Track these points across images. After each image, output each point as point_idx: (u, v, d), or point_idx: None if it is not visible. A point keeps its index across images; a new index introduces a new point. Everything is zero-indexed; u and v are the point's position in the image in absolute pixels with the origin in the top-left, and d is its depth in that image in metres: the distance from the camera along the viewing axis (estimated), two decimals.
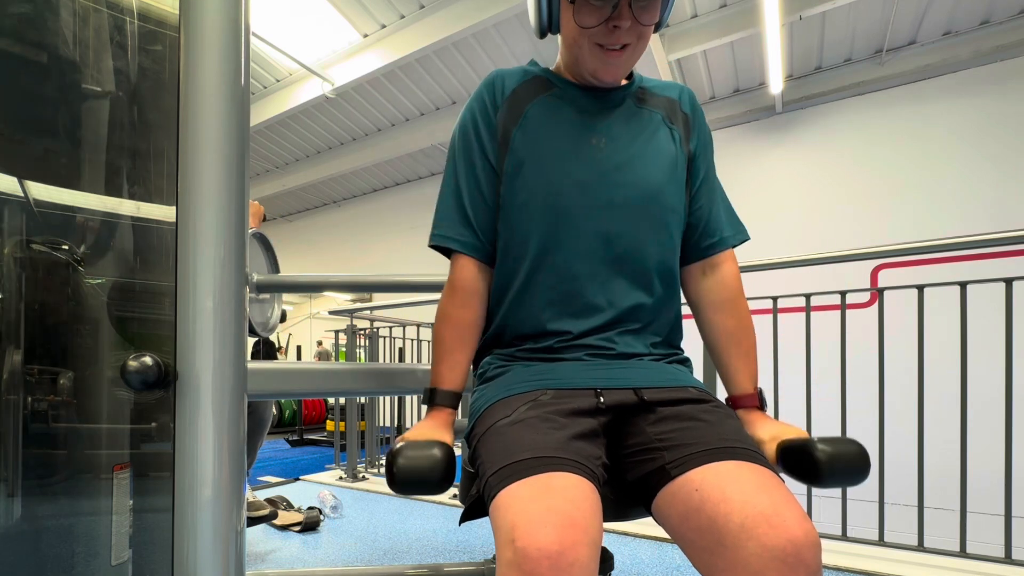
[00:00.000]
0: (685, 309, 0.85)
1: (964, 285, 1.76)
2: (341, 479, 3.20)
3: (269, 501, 2.23)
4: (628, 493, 0.69)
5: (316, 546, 2.01)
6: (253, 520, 1.81)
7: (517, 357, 0.79)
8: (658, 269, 0.78)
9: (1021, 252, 2.47)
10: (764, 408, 0.79)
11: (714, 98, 5.12)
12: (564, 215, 0.75)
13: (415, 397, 4.78)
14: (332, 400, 5.99)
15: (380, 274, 2.53)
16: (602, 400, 0.69)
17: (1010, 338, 1.71)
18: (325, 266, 8.32)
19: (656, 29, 0.77)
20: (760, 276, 1.87)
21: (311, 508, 2.30)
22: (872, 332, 1.94)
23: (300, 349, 8.39)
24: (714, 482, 0.57)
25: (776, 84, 4.36)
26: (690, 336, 0.88)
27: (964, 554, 1.71)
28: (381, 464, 3.49)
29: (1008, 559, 1.66)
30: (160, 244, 0.74)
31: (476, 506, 0.64)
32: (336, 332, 3.63)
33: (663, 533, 1.29)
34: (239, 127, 0.67)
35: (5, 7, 0.72)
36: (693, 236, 0.84)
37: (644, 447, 0.66)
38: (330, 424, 6.28)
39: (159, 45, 0.74)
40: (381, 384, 1.02)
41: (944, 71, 4.24)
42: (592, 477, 0.58)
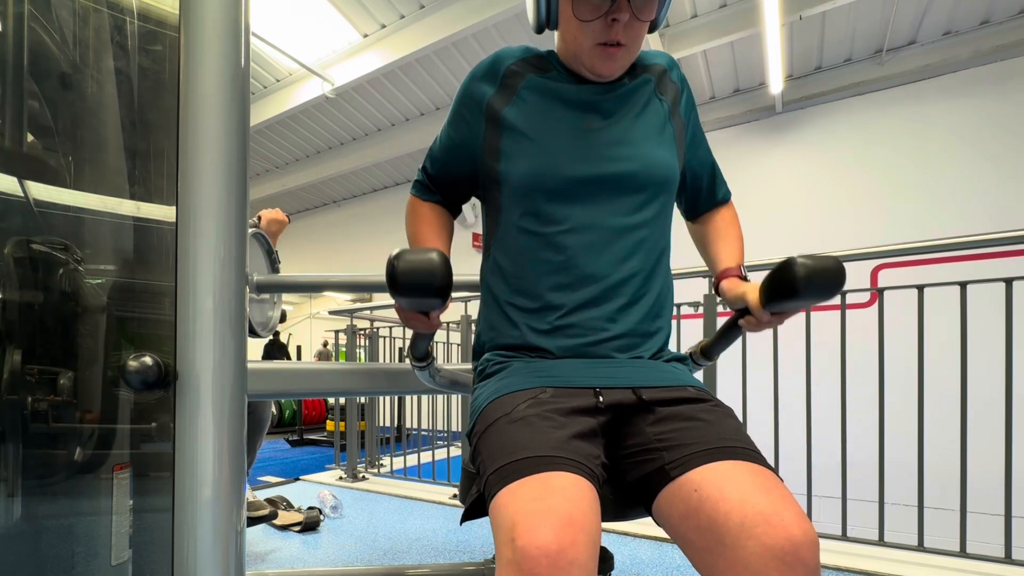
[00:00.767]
0: (677, 300, 0.85)
1: (964, 285, 1.76)
2: (341, 479, 3.20)
3: (269, 501, 2.23)
4: (628, 493, 0.69)
5: (316, 546, 2.01)
6: (253, 520, 1.81)
7: (519, 348, 0.79)
8: (651, 241, 0.80)
9: (1021, 252, 2.47)
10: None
11: (714, 98, 5.12)
12: (560, 191, 0.77)
13: (415, 397, 4.78)
14: (332, 400, 5.99)
15: (380, 274, 2.51)
16: (601, 399, 0.69)
17: (1010, 338, 1.72)
18: (325, 266, 8.33)
19: (653, 28, 0.78)
20: (760, 276, 1.86)
21: (311, 508, 2.30)
22: (872, 332, 1.94)
23: (300, 349, 8.39)
24: (713, 482, 0.57)
25: (776, 84, 4.36)
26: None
27: (964, 554, 1.71)
28: (381, 464, 3.49)
29: (1008, 559, 1.66)
30: (160, 244, 0.74)
31: (477, 506, 0.65)
32: (336, 332, 3.63)
33: (663, 533, 1.29)
34: (239, 127, 0.67)
35: (5, 7, 0.73)
36: (694, 196, 0.92)
37: (644, 447, 0.66)
38: (330, 424, 6.28)
39: (159, 45, 0.74)
40: (381, 384, 1.02)
41: (944, 71, 4.24)
42: (591, 477, 0.58)
